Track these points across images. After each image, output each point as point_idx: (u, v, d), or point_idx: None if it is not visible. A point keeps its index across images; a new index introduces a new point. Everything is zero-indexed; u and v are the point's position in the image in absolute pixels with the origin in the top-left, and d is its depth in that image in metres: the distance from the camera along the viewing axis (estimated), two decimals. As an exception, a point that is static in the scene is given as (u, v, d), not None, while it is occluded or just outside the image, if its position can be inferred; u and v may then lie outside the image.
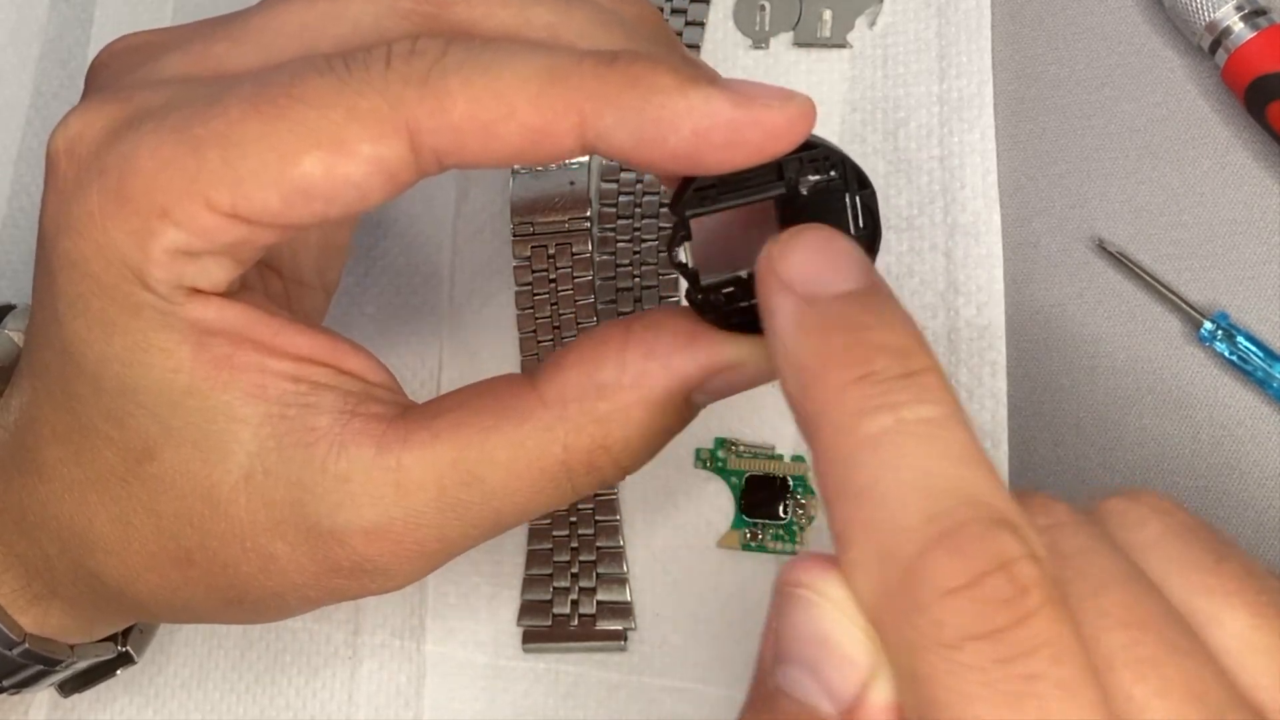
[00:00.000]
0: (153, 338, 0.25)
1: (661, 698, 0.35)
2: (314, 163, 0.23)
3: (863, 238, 0.25)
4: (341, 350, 0.27)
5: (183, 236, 0.24)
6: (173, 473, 0.26)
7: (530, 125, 0.23)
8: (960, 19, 0.38)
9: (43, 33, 0.47)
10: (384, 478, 0.25)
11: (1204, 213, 0.36)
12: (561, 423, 0.26)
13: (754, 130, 0.23)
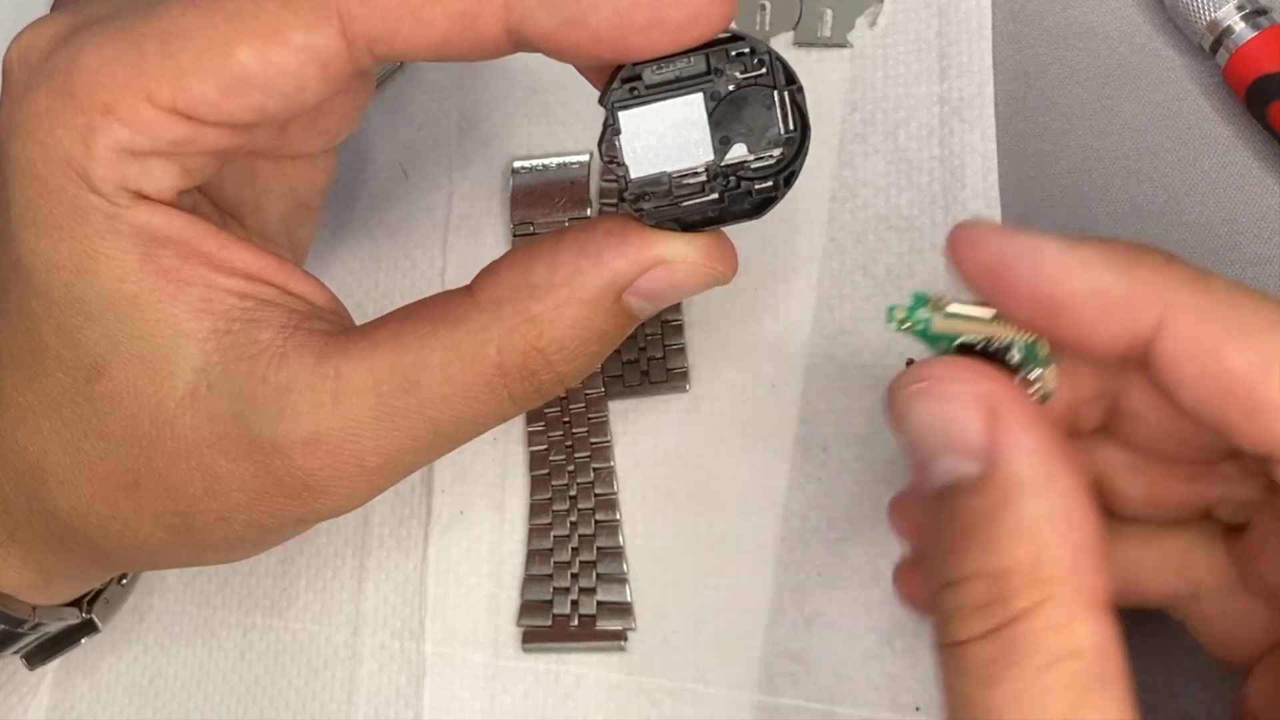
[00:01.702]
0: (99, 244, 0.25)
1: (661, 698, 0.35)
2: (249, 52, 0.24)
3: (793, 136, 0.26)
4: (289, 272, 0.27)
5: (126, 133, 0.24)
6: (121, 391, 0.26)
7: (456, 10, 0.24)
8: (961, 19, 0.38)
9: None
10: (323, 386, 0.26)
11: (1204, 213, 0.36)
12: (495, 323, 0.26)
13: (676, 9, 0.24)
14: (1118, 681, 0.22)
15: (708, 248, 0.26)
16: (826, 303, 0.37)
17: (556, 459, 0.37)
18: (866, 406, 0.36)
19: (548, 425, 0.38)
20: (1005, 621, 0.22)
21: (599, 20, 0.24)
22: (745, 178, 0.26)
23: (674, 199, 0.26)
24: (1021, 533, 0.23)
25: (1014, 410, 0.24)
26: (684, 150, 0.26)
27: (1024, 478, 0.23)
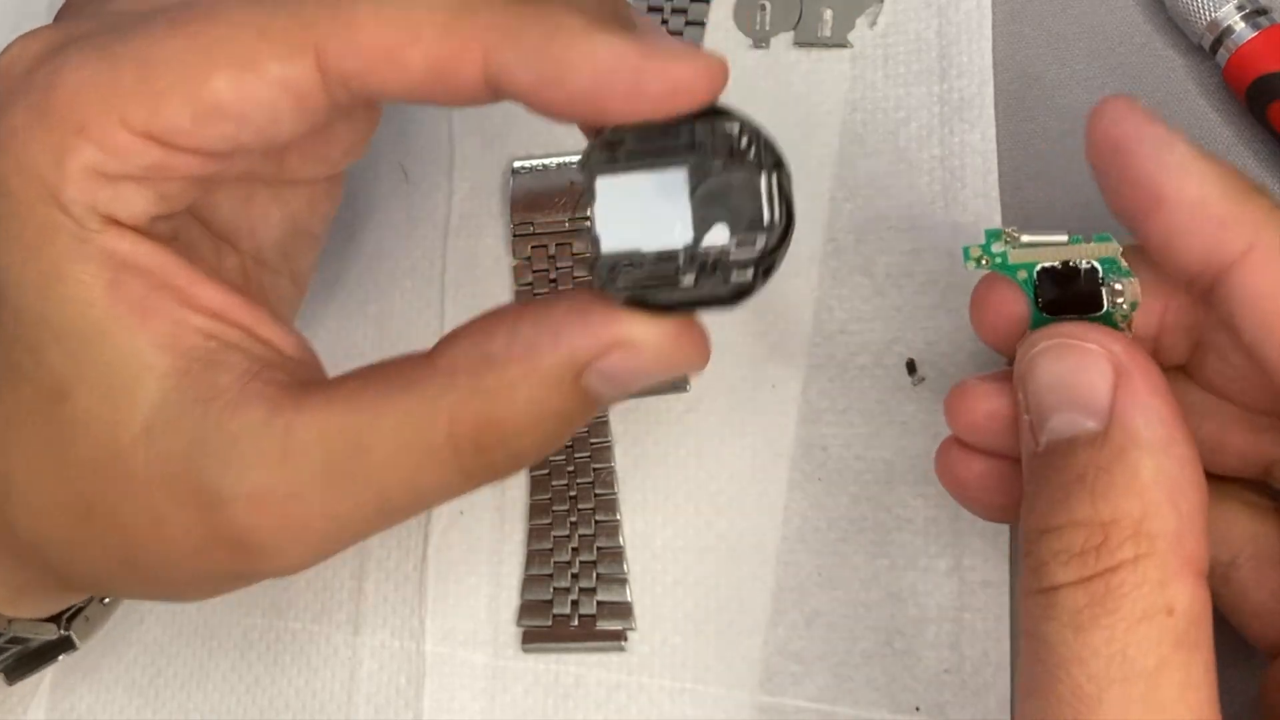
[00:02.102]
0: (67, 266, 0.25)
1: (661, 698, 0.35)
2: (223, 81, 0.24)
3: (776, 225, 0.24)
4: (259, 315, 0.27)
5: (98, 155, 0.24)
6: (83, 417, 0.26)
7: (434, 55, 0.24)
8: (961, 19, 0.38)
9: (42, 32, 0.47)
10: (272, 441, 0.25)
11: (1205, 213, 0.36)
12: (448, 392, 0.25)
13: (657, 82, 0.23)
14: (1205, 648, 0.23)
15: (676, 334, 0.25)
16: (826, 303, 0.37)
17: (556, 459, 0.37)
18: (866, 406, 0.36)
19: (548, 425, 0.38)
20: (1103, 570, 0.23)
21: (577, 82, 0.23)
22: (723, 264, 0.24)
23: (646, 277, 0.24)
24: (1133, 487, 0.23)
25: (1141, 374, 0.25)
26: (661, 227, 0.24)
27: (1143, 437, 0.24)
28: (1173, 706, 0.22)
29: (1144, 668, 0.22)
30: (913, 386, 0.36)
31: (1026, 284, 0.28)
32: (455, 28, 0.23)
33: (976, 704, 0.33)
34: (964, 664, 0.34)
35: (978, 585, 0.34)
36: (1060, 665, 0.23)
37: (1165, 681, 0.22)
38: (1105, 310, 0.27)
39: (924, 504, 0.35)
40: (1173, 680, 0.22)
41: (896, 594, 0.34)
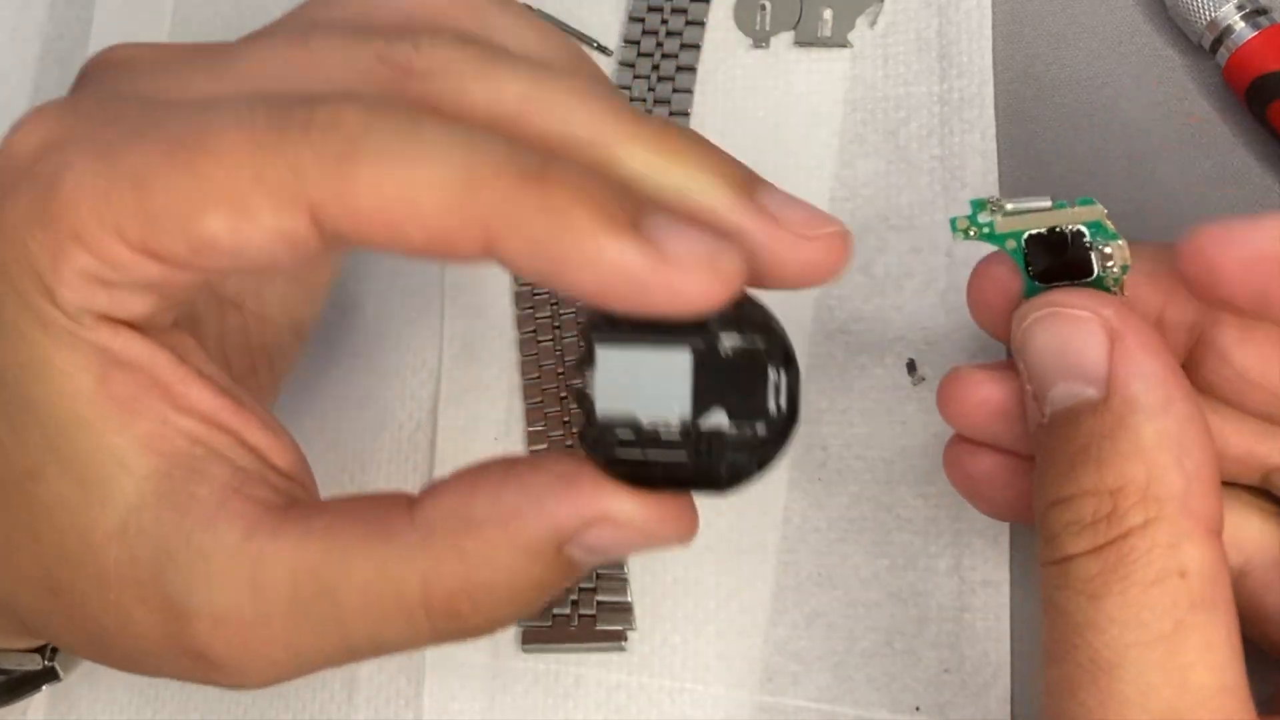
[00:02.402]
0: (56, 356, 0.24)
1: (661, 698, 0.35)
2: (216, 221, 0.23)
3: (777, 420, 0.23)
4: (249, 421, 0.26)
5: (94, 263, 0.24)
6: (56, 501, 0.25)
7: (433, 231, 0.22)
8: (961, 19, 0.38)
9: (42, 33, 0.47)
10: (242, 565, 0.24)
11: (1204, 213, 0.36)
12: (424, 551, 0.24)
13: (662, 293, 0.22)
14: (1223, 608, 0.23)
15: (663, 511, 0.24)
16: (826, 303, 0.37)
17: (556, 459, 0.37)
18: (866, 406, 0.36)
19: (548, 425, 0.38)
20: (1114, 537, 0.23)
21: (579, 281, 0.22)
22: (718, 448, 0.23)
23: (639, 448, 0.23)
24: (1137, 452, 0.23)
25: (1134, 335, 0.25)
26: (659, 401, 0.23)
27: (1142, 401, 0.24)
28: (1193, 669, 0.22)
29: (1160, 631, 0.22)
30: (913, 386, 0.36)
31: (1016, 253, 0.27)
32: (457, 207, 0.22)
33: (976, 704, 0.33)
34: (964, 664, 0.34)
35: (978, 585, 0.34)
36: (1077, 633, 0.23)
37: (1184, 644, 0.22)
38: (1097, 275, 0.27)
39: (924, 504, 0.35)
40: (1191, 642, 0.22)
41: (896, 594, 0.34)
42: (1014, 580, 0.34)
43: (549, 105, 0.24)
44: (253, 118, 0.23)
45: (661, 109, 0.39)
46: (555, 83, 0.24)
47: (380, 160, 0.22)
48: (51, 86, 0.46)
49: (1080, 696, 0.23)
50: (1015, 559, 0.34)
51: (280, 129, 0.23)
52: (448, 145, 0.22)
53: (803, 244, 0.24)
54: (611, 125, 0.24)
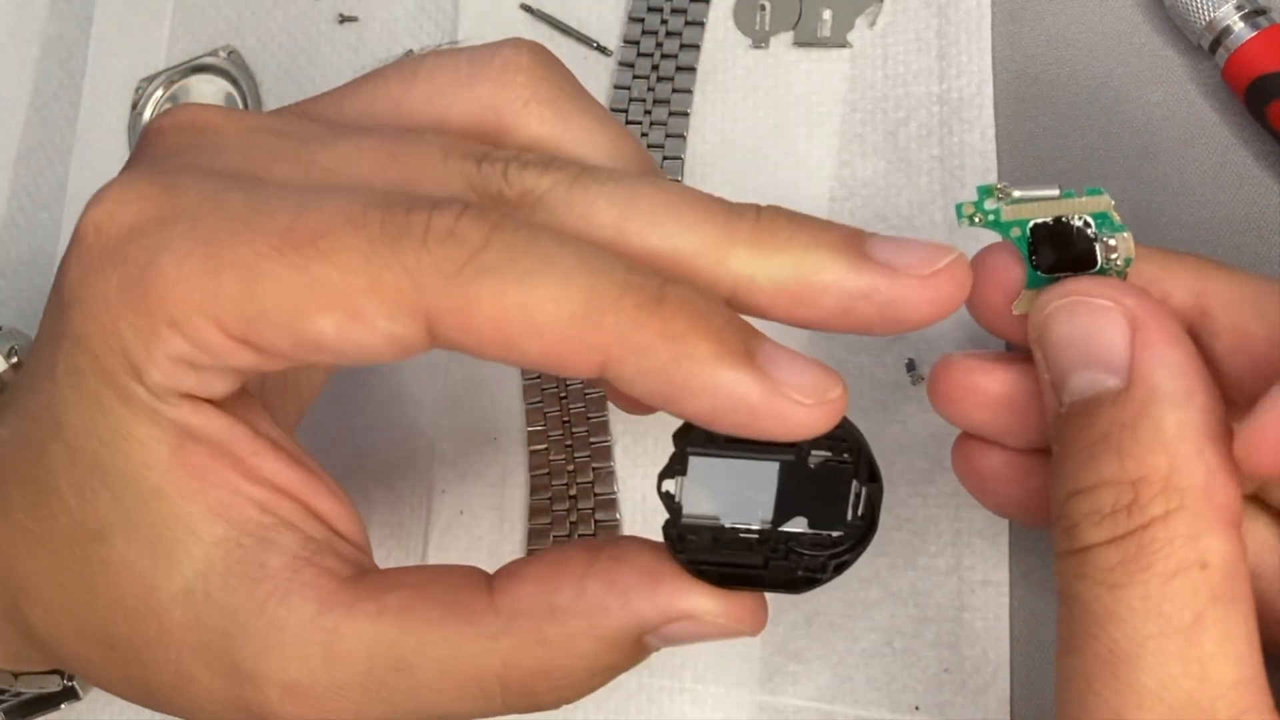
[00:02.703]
0: (135, 428, 0.25)
1: (661, 697, 0.35)
2: (327, 323, 0.23)
3: (855, 529, 0.25)
4: (317, 489, 0.26)
5: (188, 349, 0.24)
6: (119, 561, 0.25)
7: (551, 348, 0.23)
8: (960, 19, 0.38)
9: (43, 33, 0.47)
10: (317, 638, 0.25)
11: (1204, 213, 0.36)
12: (506, 636, 0.25)
13: (775, 422, 0.23)
14: (1242, 600, 0.23)
15: (740, 609, 0.25)
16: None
17: (556, 459, 0.37)
18: (866, 406, 0.36)
19: (548, 425, 0.38)
20: (1135, 528, 0.23)
21: (693, 408, 0.23)
22: (795, 550, 0.25)
23: (718, 549, 0.25)
24: (1159, 442, 0.23)
25: (1156, 325, 0.24)
26: (743, 506, 0.25)
27: (1164, 390, 0.24)
28: (1212, 661, 0.22)
29: (1180, 622, 0.22)
30: (912, 386, 0.36)
31: (1020, 241, 0.27)
32: (578, 329, 0.22)
33: (976, 703, 0.33)
34: (963, 663, 0.34)
35: (977, 585, 0.34)
36: (1096, 623, 0.23)
37: (1203, 635, 0.22)
38: (1100, 266, 0.27)
39: (924, 504, 0.35)
40: (1211, 634, 0.22)
41: (896, 594, 0.34)
42: (1013, 580, 0.34)
43: (645, 224, 0.24)
44: (365, 218, 0.23)
45: (661, 109, 0.39)
46: (645, 198, 0.24)
47: (501, 276, 0.22)
48: (51, 87, 0.46)
49: (1098, 687, 0.23)
50: (1015, 559, 0.34)
51: (397, 235, 0.23)
52: (567, 264, 0.23)
53: (926, 285, 0.24)
54: (709, 233, 0.24)
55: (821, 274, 0.24)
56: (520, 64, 0.27)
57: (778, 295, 0.24)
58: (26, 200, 0.45)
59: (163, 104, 0.45)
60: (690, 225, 0.24)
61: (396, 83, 0.27)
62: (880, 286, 0.24)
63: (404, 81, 0.27)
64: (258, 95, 0.44)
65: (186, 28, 0.46)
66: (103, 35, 0.47)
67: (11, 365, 0.32)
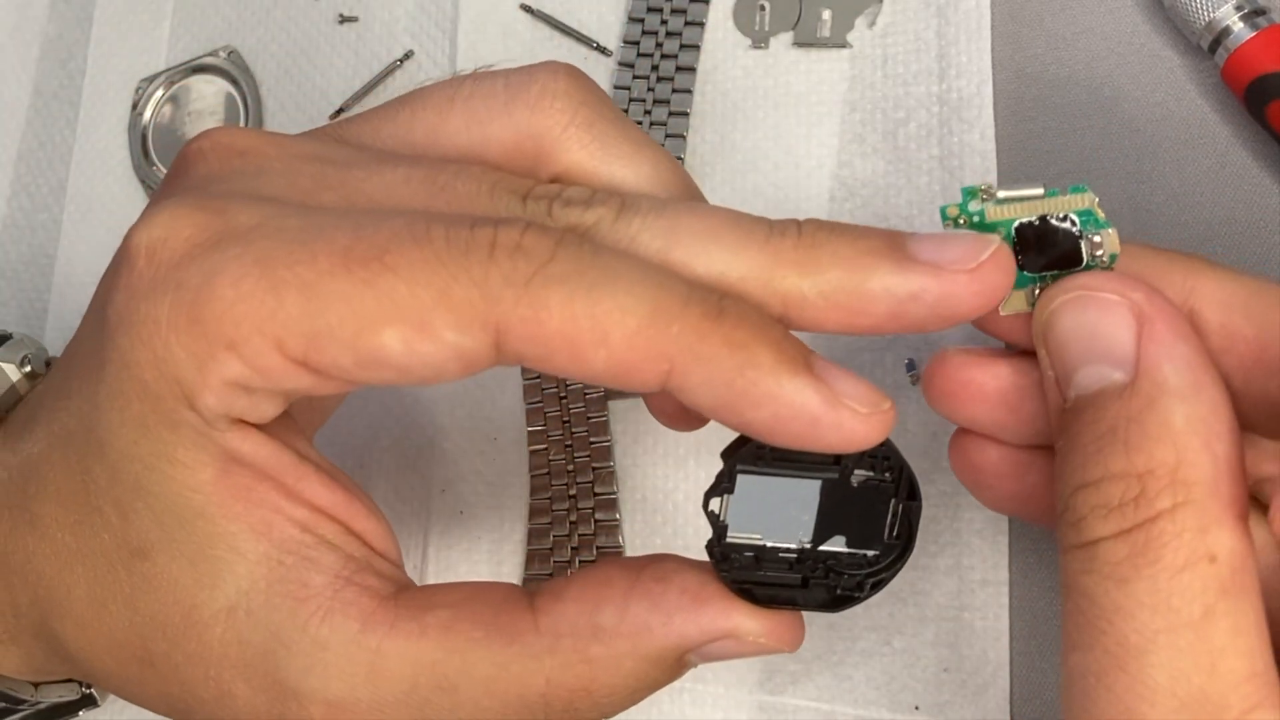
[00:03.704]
0: (181, 453, 0.25)
1: (661, 697, 0.35)
2: (394, 337, 0.23)
3: (892, 548, 0.25)
4: (355, 509, 0.26)
5: (245, 372, 0.24)
6: (161, 578, 0.26)
7: (619, 358, 0.23)
8: (960, 19, 0.38)
9: (43, 33, 0.47)
10: (361, 657, 0.25)
11: (1204, 213, 0.36)
12: (551, 655, 0.25)
13: (834, 431, 0.23)
14: (1251, 593, 0.23)
15: (780, 626, 0.26)
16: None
17: (556, 459, 0.37)
18: (866, 406, 0.36)
19: (548, 425, 0.38)
20: (1142, 521, 0.23)
21: (755, 417, 0.23)
22: (833, 569, 0.25)
23: (759, 567, 0.25)
24: (1166, 435, 0.23)
25: (1164, 319, 0.24)
26: (785, 526, 0.25)
27: (1172, 384, 0.24)
28: (1223, 654, 0.22)
29: (1190, 617, 0.22)
30: (912, 386, 0.36)
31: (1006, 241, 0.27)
32: (645, 338, 0.23)
33: (975, 703, 0.33)
34: (963, 663, 0.34)
35: (977, 584, 0.34)
36: (1104, 618, 0.23)
37: (1213, 629, 0.22)
38: (1086, 263, 0.27)
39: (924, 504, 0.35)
40: (1221, 627, 0.22)
41: (896, 593, 0.34)
42: (1013, 579, 0.34)
43: (689, 254, 0.24)
44: (429, 234, 0.23)
45: (661, 109, 0.39)
46: (687, 227, 0.25)
47: (570, 286, 0.23)
48: (51, 87, 0.46)
49: (1108, 682, 0.23)
50: (1014, 558, 0.34)
51: (464, 249, 0.23)
52: (632, 276, 0.23)
53: (973, 279, 0.24)
54: (754, 256, 0.24)
55: (870, 282, 0.24)
56: (558, 89, 0.27)
57: (830, 309, 0.24)
58: (26, 200, 0.45)
59: (162, 104, 0.45)
60: (734, 250, 0.24)
61: (434, 109, 0.27)
62: (929, 286, 0.24)
63: (441, 108, 0.27)
64: (258, 95, 0.44)
65: (186, 28, 0.46)
66: (103, 35, 0.47)
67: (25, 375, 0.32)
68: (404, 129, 0.28)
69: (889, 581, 0.25)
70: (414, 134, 0.27)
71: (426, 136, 0.27)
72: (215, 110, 0.45)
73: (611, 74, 0.41)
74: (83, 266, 0.45)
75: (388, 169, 0.26)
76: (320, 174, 0.26)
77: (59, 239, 0.45)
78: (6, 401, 0.31)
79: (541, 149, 0.27)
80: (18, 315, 0.45)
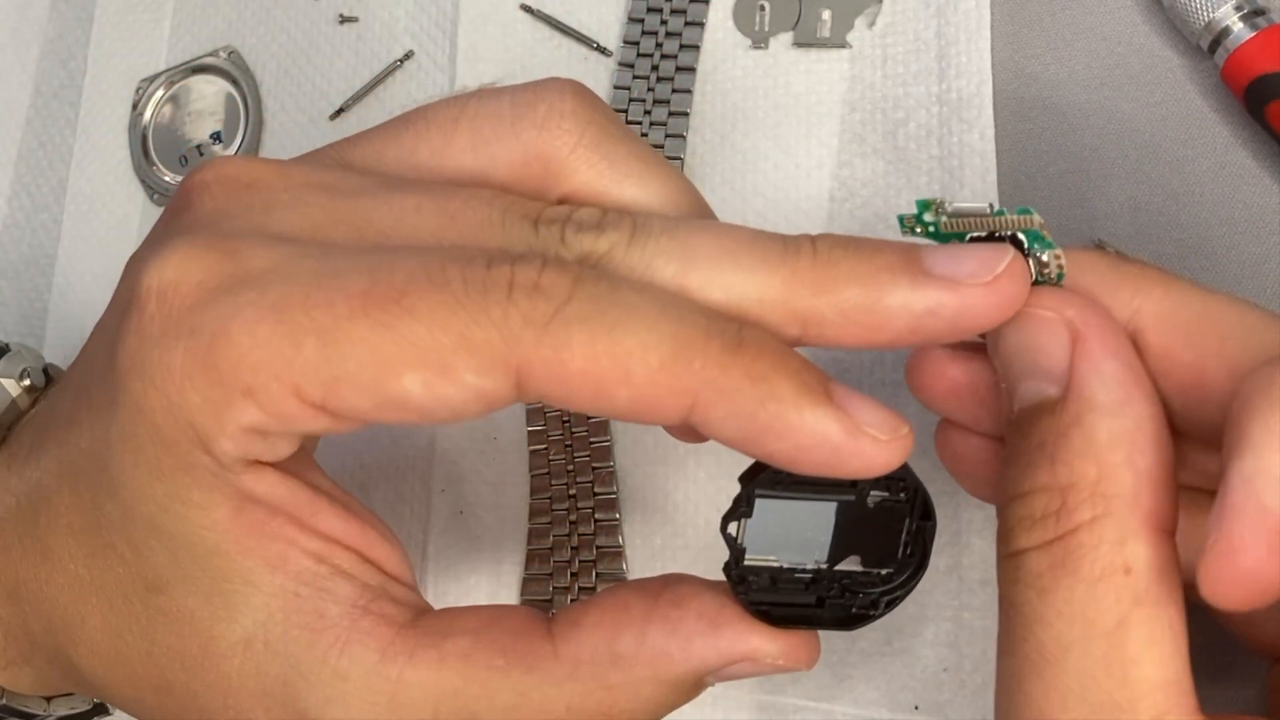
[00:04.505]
0: (195, 494, 0.25)
1: (661, 697, 0.35)
2: (414, 381, 0.23)
3: (906, 566, 0.26)
4: (369, 536, 0.26)
5: (262, 418, 0.23)
6: (178, 611, 0.26)
7: (641, 395, 0.23)
8: (960, 19, 0.38)
9: (43, 33, 0.47)
10: (381, 687, 0.25)
11: (1204, 213, 0.36)
12: (571, 683, 0.25)
13: (855, 460, 0.23)
14: (1169, 604, 0.23)
15: (796, 647, 0.26)
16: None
17: (556, 459, 0.37)
18: (866, 406, 0.36)
19: (548, 425, 0.38)
20: (1063, 533, 0.23)
21: (778, 449, 0.23)
22: (849, 589, 0.26)
23: (776, 589, 0.26)
24: (1090, 450, 0.24)
25: (1097, 336, 0.25)
26: (801, 548, 0.26)
27: (1098, 400, 0.24)
28: (1135, 664, 0.23)
29: (1104, 627, 0.23)
30: (912, 386, 0.36)
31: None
32: (667, 374, 0.23)
33: (975, 703, 0.33)
34: (963, 663, 0.34)
35: (976, 584, 0.34)
36: (1025, 626, 0.23)
37: (1126, 639, 0.23)
38: (1034, 280, 0.27)
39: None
40: (1134, 637, 0.23)
41: (895, 593, 0.34)
42: (1013, 579, 0.34)
43: (705, 278, 0.24)
44: (445, 275, 0.23)
45: (661, 109, 0.40)
46: (701, 249, 0.25)
47: (591, 326, 0.23)
48: (51, 87, 0.46)
49: (1025, 688, 0.23)
50: (1014, 558, 0.34)
51: (482, 290, 0.23)
52: (651, 312, 0.23)
53: (990, 292, 0.24)
54: (770, 277, 0.24)
55: (887, 300, 0.24)
56: (565, 109, 0.27)
57: (848, 327, 0.24)
58: (27, 200, 0.45)
59: (163, 104, 0.45)
60: (750, 271, 0.24)
61: (438, 130, 0.27)
62: (946, 301, 0.24)
63: (446, 129, 0.27)
64: (258, 95, 0.44)
65: (186, 28, 0.46)
66: (103, 35, 0.47)
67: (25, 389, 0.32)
68: (408, 151, 0.27)
69: (904, 599, 0.26)
70: (419, 155, 0.27)
71: (432, 158, 0.27)
72: (215, 110, 0.45)
73: (611, 74, 0.41)
74: (83, 266, 0.45)
75: (397, 198, 0.26)
76: (330, 206, 0.26)
77: (59, 239, 0.45)
78: (7, 418, 0.31)
79: (549, 169, 0.27)
80: (18, 316, 0.45)
